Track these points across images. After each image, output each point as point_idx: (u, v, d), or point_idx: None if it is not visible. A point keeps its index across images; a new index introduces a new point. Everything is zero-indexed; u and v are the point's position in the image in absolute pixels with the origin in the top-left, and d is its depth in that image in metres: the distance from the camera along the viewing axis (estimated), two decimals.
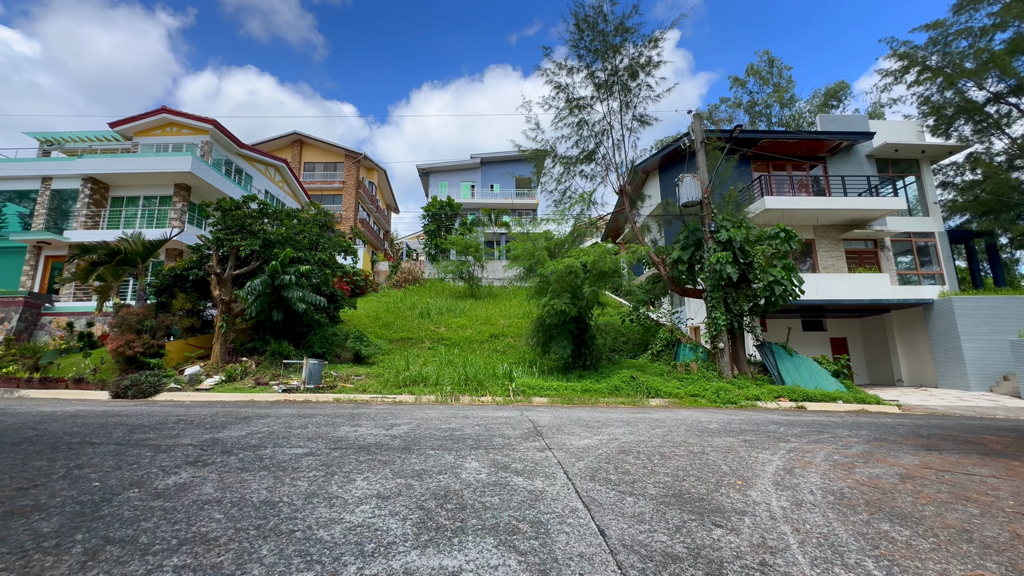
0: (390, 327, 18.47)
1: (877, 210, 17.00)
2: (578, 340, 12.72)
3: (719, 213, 13.37)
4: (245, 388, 10.94)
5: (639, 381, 11.22)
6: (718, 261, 12.09)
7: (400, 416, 6.80)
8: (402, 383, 11.49)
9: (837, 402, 11.37)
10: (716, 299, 12.51)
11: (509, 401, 10.13)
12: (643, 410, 8.67)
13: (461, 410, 7.92)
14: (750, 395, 11.05)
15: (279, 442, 4.60)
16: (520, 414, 7.30)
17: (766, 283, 12.09)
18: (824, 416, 8.47)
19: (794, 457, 4.25)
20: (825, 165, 19.29)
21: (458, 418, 6.59)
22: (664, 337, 14.09)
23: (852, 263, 18.51)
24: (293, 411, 7.35)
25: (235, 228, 12.77)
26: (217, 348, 12.07)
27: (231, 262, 12.72)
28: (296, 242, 13.77)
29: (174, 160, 18.10)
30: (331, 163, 36.90)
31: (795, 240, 12.80)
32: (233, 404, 8.88)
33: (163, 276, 12.92)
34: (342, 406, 8.60)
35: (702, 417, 7.40)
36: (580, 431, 5.52)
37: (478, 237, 28.02)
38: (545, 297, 12.03)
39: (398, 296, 24.07)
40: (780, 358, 12.76)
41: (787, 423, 6.83)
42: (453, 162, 39.47)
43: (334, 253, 15.89)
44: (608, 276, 12.19)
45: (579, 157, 16.62)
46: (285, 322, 13.23)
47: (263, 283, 11.82)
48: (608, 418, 6.96)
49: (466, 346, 16.45)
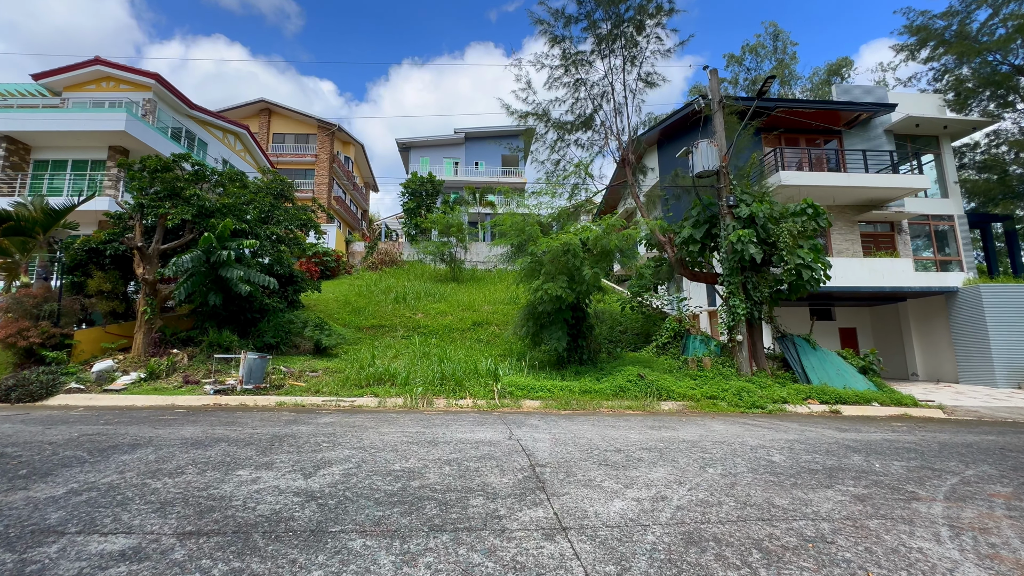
0: (360, 313, 16.44)
1: (900, 188, 15.48)
2: (574, 330, 10.94)
3: (738, 185, 11.61)
4: (168, 389, 8.88)
5: (648, 380, 9.50)
6: (739, 240, 10.36)
7: (342, 441, 4.91)
8: (365, 381, 9.57)
9: (872, 404, 9.87)
10: (735, 284, 10.82)
11: (494, 406, 8.31)
12: (659, 419, 6.94)
13: (430, 426, 6.06)
14: (776, 397, 9.45)
15: (102, 516, 2.68)
16: (508, 434, 5.48)
17: (792, 266, 10.43)
18: (874, 428, 6.84)
19: (980, 550, 2.51)
20: (841, 140, 17.66)
21: (422, 446, 4.73)
22: (671, 327, 12.39)
23: (867, 247, 17.05)
24: (198, 431, 5.40)
25: (164, 193, 10.53)
26: (139, 338, 9.94)
27: (158, 234, 10.50)
28: (242, 212, 11.58)
29: (105, 117, 15.52)
30: (302, 135, 34.10)
31: (823, 217, 11.14)
32: (136, 412, 6.87)
33: (75, 251, 10.63)
34: (277, 417, 6.66)
35: (746, 437, 5.68)
36: (599, 474, 3.72)
37: (461, 216, 25.90)
38: (537, 280, 10.17)
39: (372, 279, 21.97)
40: (804, 353, 11.19)
41: (859, 446, 5.15)
42: (435, 137, 36.98)
43: (293, 228, 13.72)
44: (613, 256, 10.37)
45: (575, 123, 14.67)
46: (228, 307, 11.13)
47: (195, 260, 9.68)
48: (628, 441, 5.18)
49: (445, 335, 14.56)
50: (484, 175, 35.79)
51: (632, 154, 13.29)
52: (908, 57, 22.46)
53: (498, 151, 36.40)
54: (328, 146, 33.40)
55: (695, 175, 11.47)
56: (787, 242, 10.52)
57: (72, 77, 18.00)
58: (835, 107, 16.57)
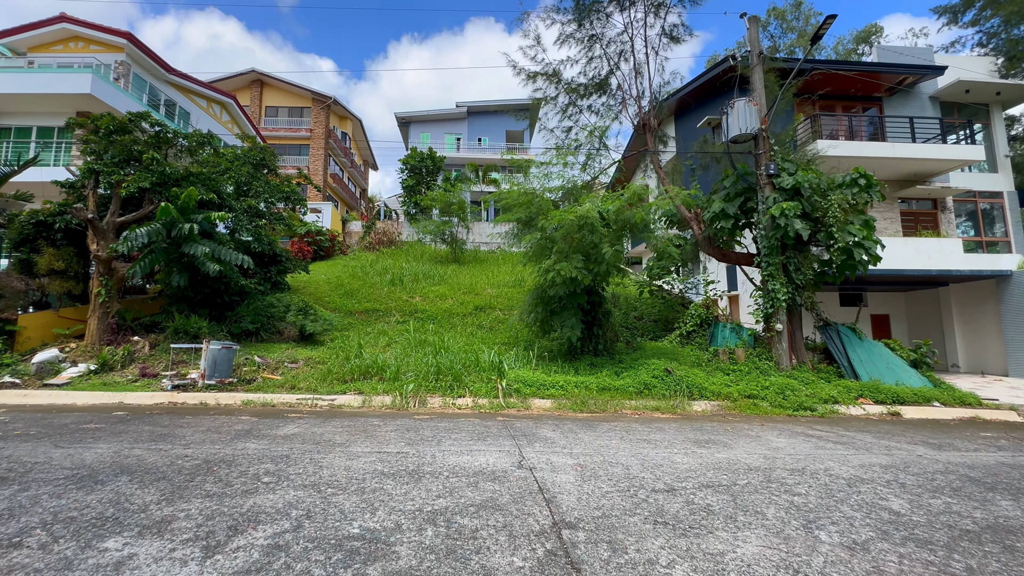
0: (353, 296, 15.16)
1: (949, 160, 13.91)
2: (589, 317, 9.62)
3: (779, 152, 10.12)
4: (120, 383, 7.66)
5: (676, 376, 8.21)
6: (782, 214, 8.93)
7: (292, 472, 3.65)
8: (350, 375, 8.32)
9: (932, 403, 8.58)
10: (774, 265, 9.43)
11: (498, 407, 7.05)
12: (699, 428, 5.65)
13: (418, 442, 4.81)
14: (824, 396, 8.15)
15: None
16: (518, 457, 4.21)
17: (843, 244, 9.02)
18: (967, 441, 5.53)
19: None
20: (881, 107, 16.02)
21: (400, 482, 3.46)
22: (697, 314, 11.05)
23: (907, 226, 15.57)
24: (110, 451, 4.15)
25: (120, 158, 9.16)
26: (93, 324, 8.69)
27: (114, 205, 9.17)
28: (214, 182, 10.21)
29: (69, 78, 14.03)
30: (296, 108, 32.38)
31: (876, 189, 9.68)
32: (64, 417, 5.64)
33: (21, 224, 9.32)
34: (229, 426, 5.41)
35: (827, 461, 4.39)
36: (660, 547, 2.44)
37: (463, 194, 24.38)
38: (548, 260, 8.80)
39: (369, 260, 20.63)
40: (850, 344, 9.86)
41: (983, 476, 3.86)
42: (436, 111, 35.21)
43: (274, 201, 12.34)
44: (636, 231, 8.98)
45: (589, 85, 13.10)
46: (200, 289, 9.86)
47: (152, 234, 8.35)
48: (677, 470, 3.90)
49: (444, 320, 13.29)
50: (487, 151, 34.10)
51: (654, 118, 11.75)
52: (950, 21, 20.54)
53: (502, 126, 34.67)
54: (324, 120, 31.71)
55: (729, 140, 9.99)
56: (837, 216, 9.08)
57: (37, 36, 16.45)
58: (880, 69, 14.90)
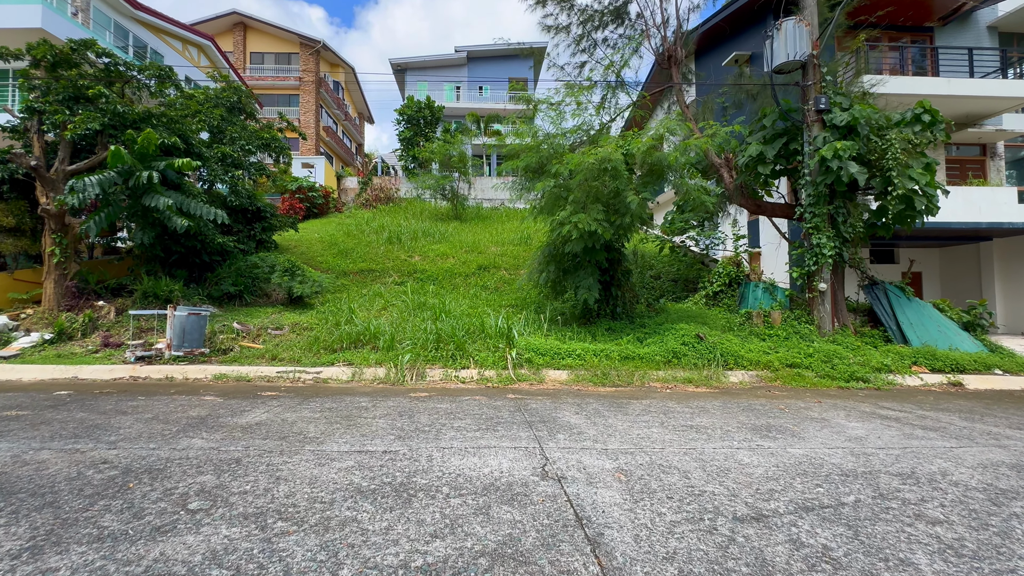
0: (348, 255, 14.11)
1: (1012, 98, 12.34)
2: (607, 276, 8.57)
3: (830, 83, 8.70)
4: (79, 355, 6.76)
5: (708, 343, 7.25)
6: (835, 155, 7.66)
7: (236, 488, 2.72)
8: (339, 343, 7.40)
9: (993, 371, 7.64)
10: (821, 217, 8.25)
11: (507, 380, 6.13)
12: (747, 407, 4.71)
13: (411, 433, 3.88)
14: (875, 363, 7.20)
15: None
16: (540, 458, 3.28)
17: (903, 192, 7.80)
18: None
19: None
20: (932, 38, 14.23)
21: (381, 507, 2.53)
22: (726, 272, 9.98)
23: (952, 174, 14.17)
24: (7, 452, 3.24)
25: (66, 95, 7.88)
26: (49, 288, 7.72)
27: (63, 151, 7.97)
28: (179, 126, 8.94)
29: (15, 10, 12.38)
30: (283, 54, 30.15)
31: (941, 126, 8.35)
32: None
33: None
34: (184, 411, 4.50)
35: (925, 452, 3.45)
36: None
37: (464, 146, 22.76)
38: (562, 211, 7.64)
39: (365, 217, 19.44)
40: (898, 305, 8.82)
41: None
42: (434, 57, 32.80)
43: (253, 149, 11.05)
44: (665, 176, 7.75)
45: (605, 12, 11.45)
46: (172, 248, 8.81)
47: (106, 183, 7.21)
48: (748, 473, 2.96)
49: (445, 281, 12.28)
50: (489, 101, 32.02)
51: (681, 48, 10.21)
52: None
53: (505, 73, 32.33)
54: (313, 68, 29.54)
55: (773, 69, 8.55)
56: (898, 159, 7.81)
57: None
58: None
